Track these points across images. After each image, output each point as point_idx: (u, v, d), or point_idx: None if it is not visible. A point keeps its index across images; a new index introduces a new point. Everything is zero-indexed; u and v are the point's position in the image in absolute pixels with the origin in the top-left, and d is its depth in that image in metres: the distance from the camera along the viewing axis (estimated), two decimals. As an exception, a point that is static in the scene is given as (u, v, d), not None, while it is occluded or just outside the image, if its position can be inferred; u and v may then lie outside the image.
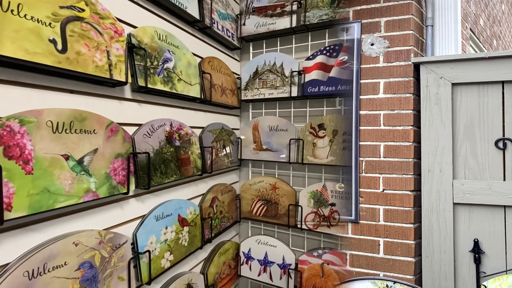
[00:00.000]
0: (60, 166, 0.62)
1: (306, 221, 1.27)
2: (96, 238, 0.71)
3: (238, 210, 1.48)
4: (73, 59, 0.63)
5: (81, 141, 0.67)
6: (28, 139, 0.56)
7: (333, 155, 1.20)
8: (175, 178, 0.98)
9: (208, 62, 1.20)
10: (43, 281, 0.59)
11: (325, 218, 1.23)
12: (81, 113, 0.67)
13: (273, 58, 1.32)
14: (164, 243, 0.95)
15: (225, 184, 1.37)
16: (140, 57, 0.83)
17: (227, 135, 1.37)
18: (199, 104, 1.19)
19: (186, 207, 1.08)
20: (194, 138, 1.10)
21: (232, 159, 1.39)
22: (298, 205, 1.29)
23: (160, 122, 0.94)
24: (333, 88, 1.19)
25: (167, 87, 0.93)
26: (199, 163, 1.12)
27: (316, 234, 1.34)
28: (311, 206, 1.26)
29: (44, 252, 0.60)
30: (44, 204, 0.59)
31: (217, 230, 1.29)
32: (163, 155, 0.93)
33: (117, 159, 0.76)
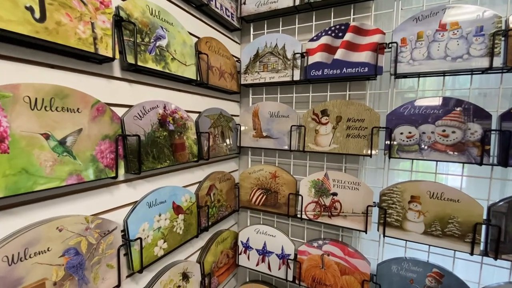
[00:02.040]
0: (39, 146, 0.57)
1: (306, 211, 1.23)
2: (82, 224, 0.68)
3: (237, 199, 1.44)
4: (52, 29, 0.57)
5: (63, 120, 0.62)
6: (3, 115, 0.52)
7: (336, 143, 1.15)
8: (169, 163, 0.93)
9: (205, 42, 1.13)
10: (24, 266, 0.56)
11: (326, 208, 1.19)
12: (63, 90, 0.62)
13: (275, 40, 1.25)
14: (157, 230, 0.92)
15: (224, 172, 1.33)
16: (130, 32, 0.77)
17: (226, 121, 1.31)
18: (195, 87, 1.14)
19: (181, 194, 1.04)
20: (190, 122, 1.05)
21: (231, 146, 1.34)
22: (299, 194, 1.24)
23: (152, 104, 0.89)
24: (337, 71, 1.12)
25: (159, 66, 0.87)
26: (195, 149, 1.07)
27: (317, 225, 1.30)
28: (312, 195, 1.22)
29: (25, 237, 0.56)
30: (22, 186, 0.54)
31: (214, 218, 1.25)
32: (156, 139, 0.89)
33: (104, 141, 0.72)
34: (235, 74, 1.35)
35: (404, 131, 1.03)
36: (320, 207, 1.20)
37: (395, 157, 1.05)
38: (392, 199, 1.07)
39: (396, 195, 1.06)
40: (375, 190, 1.12)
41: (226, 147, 1.30)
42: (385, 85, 1.18)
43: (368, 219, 1.12)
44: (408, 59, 1.01)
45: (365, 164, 1.19)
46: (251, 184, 1.38)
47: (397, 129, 1.04)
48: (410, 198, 1.04)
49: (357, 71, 1.09)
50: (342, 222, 1.16)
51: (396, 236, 1.07)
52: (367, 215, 1.11)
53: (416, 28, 1.01)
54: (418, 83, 1.07)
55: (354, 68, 1.10)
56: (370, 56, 1.07)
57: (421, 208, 1.02)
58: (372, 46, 1.07)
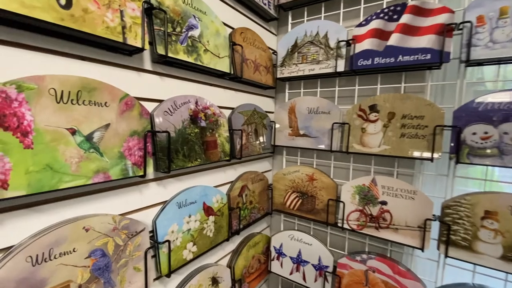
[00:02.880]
0: (65, 142, 0.54)
1: (348, 219, 1.09)
2: (110, 224, 0.64)
3: (269, 201, 1.35)
4: (78, 16, 0.53)
5: (90, 114, 0.58)
6: (27, 108, 0.49)
7: (387, 143, 0.99)
8: (200, 162, 0.88)
9: (240, 33, 1.05)
10: (48, 268, 0.53)
11: (373, 218, 1.03)
12: (90, 82, 0.58)
13: (316, 27, 1.12)
14: (187, 232, 0.87)
15: (256, 172, 1.25)
16: (160, 21, 0.72)
17: (260, 118, 1.23)
18: (228, 82, 1.06)
19: (213, 195, 0.98)
20: (223, 119, 0.98)
21: (264, 145, 1.25)
22: (340, 200, 1.11)
23: (184, 99, 0.83)
24: (391, 59, 0.96)
25: (191, 58, 0.81)
26: (227, 147, 1.00)
27: (361, 236, 1.15)
28: (355, 203, 1.07)
29: (50, 237, 0.54)
30: (47, 183, 0.51)
31: (246, 221, 1.18)
32: (187, 136, 0.83)
33: (133, 137, 0.68)
34: (270, 68, 1.26)
35: (478, 131, 0.84)
36: (366, 217, 1.05)
37: (464, 162, 0.86)
38: (458, 213, 0.88)
39: (465, 209, 0.87)
40: (435, 201, 0.94)
41: (259, 145, 1.21)
42: (450, 75, 0.99)
43: (425, 235, 0.94)
44: (487, 41, 0.82)
45: (422, 169, 1.01)
46: (285, 186, 1.27)
47: (468, 128, 0.85)
48: (484, 213, 0.84)
49: (417, 59, 0.92)
50: (392, 236, 1.00)
51: (462, 258, 0.88)
52: (424, 230, 0.94)
53: (498, 3, 0.81)
54: (499, 72, 0.86)
55: (413, 55, 0.93)
56: (434, 40, 0.89)
57: (499, 226, 0.82)
58: (437, 28, 0.89)
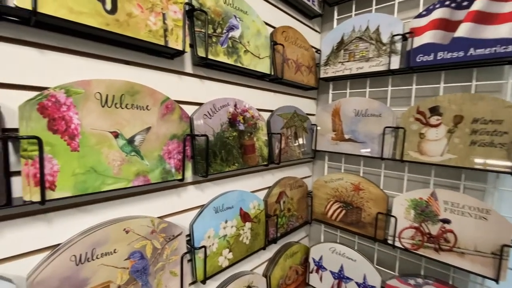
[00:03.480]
0: (108, 145, 0.55)
1: (401, 237, 0.96)
2: (149, 226, 0.64)
3: (309, 209, 1.27)
4: (123, 21, 0.54)
5: (132, 118, 0.59)
6: (74, 112, 0.50)
7: (452, 152, 0.84)
8: (237, 166, 0.85)
9: (281, 32, 1.00)
10: (90, 267, 0.55)
11: (432, 238, 0.89)
12: (133, 86, 0.59)
13: (366, 21, 1.01)
14: (223, 238, 0.84)
15: (295, 178, 1.18)
16: (201, 22, 0.71)
17: (300, 121, 1.16)
18: (268, 83, 1.02)
19: (250, 201, 0.94)
20: (261, 122, 0.94)
21: (304, 150, 1.18)
22: (391, 215, 0.98)
23: (223, 102, 0.81)
24: (460, 53, 0.81)
25: (231, 59, 0.79)
26: (265, 151, 0.96)
27: (415, 257, 1.01)
28: (410, 218, 0.94)
29: (93, 237, 0.55)
30: (91, 185, 0.53)
31: (283, 229, 1.12)
32: (225, 139, 0.81)
33: (172, 141, 0.67)
34: (313, 67, 1.18)
35: None
36: (423, 236, 0.91)
37: (562, 179, 0.68)
38: (552, 241, 0.70)
39: (562, 237, 0.69)
40: (517, 224, 0.77)
41: (299, 150, 1.14)
42: (540, 70, 0.80)
43: (501, 264, 0.78)
44: None
45: (498, 184, 0.84)
46: (327, 194, 1.18)
47: None
48: None
49: (494, 52, 0.76)
50: (456, 261, 0.85)
51: (557, 299, 0.70)
52: (500, 257, 0.78)
53: None
54: None
55: (489, 48, 0.77)
56: (520, 28, 0.73)
57: None
58: (524, 12, 0.73)
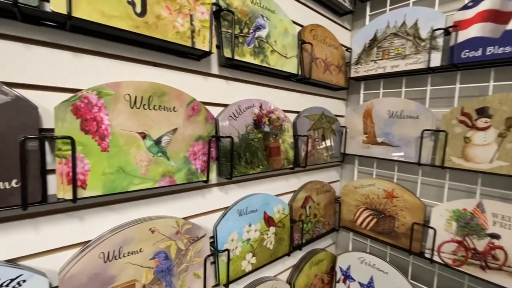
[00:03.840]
0: (136, 145, 0.56)
1: (440, 251, 0.87)
2: (173, 227, 0.65)
3: (336, 216, 1.21)
4: (151, 23, 0.55)
5: (159, 119, 0.59)
6: (105, 113, 0.52)
7: (504, 159, 0.74)
8: (262, 169, 0.83)
9: (310, 30, 0.97)
10: (117, 265, 0.56)
11: (478, 255, 0.80)
12: (161, 88, 0.59)
13: (402, 16, 0.94)
14: (246, 242, 0.83)
15: (322, 183, 1.13)
16: (228, 23, 0.70)
17: (328, 123, 1.11)
18: (295, 83, 0.99)
19: (274, 205, 0.92)
20: (287, 124, 0.91)
21: (332, 153, 1.13)
22: (429, 226, 0.90)
23: (248, 103, 0.80)
24: (515, 47, 0.72)
25: (258, 60, 0.77)
26: (291, 154, 0.93)
27: (457, 274, 0.91)
28: (451, 231, 0.85)
29: (120, 236, 0.56)
30: (119, 185, 0.54)
31: (309, 235, 1.07)
32: (250, 141, 0.79)
33: (198, 142, 0.67)
34: (343, 66, 1.13)
35: None
36: (466, 251, 0.82)
37: None
38: None
39: None
40: None
41: (326, 153, 1.09)
42: None
43: None
44: None
45: None
46: (356, 201, 1.11)
47: None
48: None
49: (561, 44, 0.66)
50: (506, 281, 0.75)
51: None
52: None
53: None
54: None
55: (553, 39, 0.67)
56: None
57: None
58: None
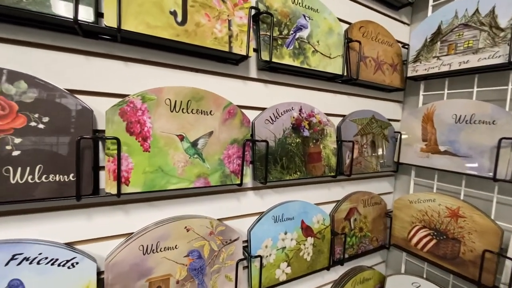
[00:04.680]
0: (174, 147, 0.59)
1: (524, 290, 0.70)
2: (207, 227, 0.66)
3: (387, 232, 1.08)
4: (191, 31, 0.57)
5: (196, 122, 0.62)
6: (148, 117, 0.56)
7: None
8: (299, 175, 0.79)
9: (359, 27, 0.89)
10: (154, 258, 0.60)
11: None
12: (199, 92, 0.62)
13: (474, 3, 0.79)
14: (281, 250, 0.80)
15: (371, 194, 1.02)
16: (267, 25, 0.69)
17: (380, 128, 1.00)
18: (340, 85, 0.92)
19: (313, 214, 0.87)
20: (330, 128, 0.86)
21: (383, 161, 1.01)
22: (506, 256, 0.73)
23: (286, 106, 0.77)
24: None
25: (297, 61, 0.74)
26: (333, 161, 0.86)
27: (549, 322, 0.71)
28: (541, 267, 0.67)
29: (158, 231, 0.60)
30: (158, 183, 0.57)
31: (353, 251, 0.98)
32: (287, 146, 0.77)
33: (233, 145, 0.67)
34: (398, 65, 1.01)
35: None
36: None
37: None
38: None
39: None
40: None
41: (376, 161, 0.99)
42: None
43: None
44: None
45: None
46: (411, 217, 0.98)
47: None
48: None
49: None
50: None
51: None
52: None
53: None
54: None
55: None
56: None
57: None
58: None
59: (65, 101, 0.49)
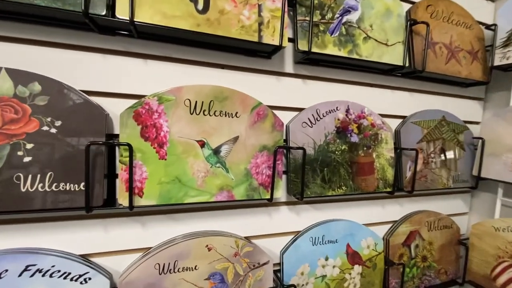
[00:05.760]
0: (194, 154, 0.52)
1: None
2: (232, 247, 0.57)
3: (460, 264, 0.86)
4: (213, 20, 0.49)
5: (219, 126, 0.53)
6: (164, 120, 0.49)
7: None
8: (345, 191, 0.65)
9: (425, 7, 0.71)
10: (171, 279, 0.53)
11: None
12: (223, 91, 0.53)
13: None
14: (320, 279, 0.67)
15: (439, 215, 0.82)
16: (306, 9, 0.57)
17: (452, 132, 0.79)
18: (400, 79, 0.75)
19: (362, 237, 0.71)
20: (386, 132, 0.69)
21: (457, 175, 0.80)
22: None
23: (330, 106, 0.64)
24: None
25: (344, 51, 0.60)
26: (389, 173, 0.70)
27: None
28: None
29: (176, 249, 0.53)
30: (174, 195, 0.50)
31: (413, 285, 0.79)
32: (330, 154, 0.63)
33: (262, 153, 0.57)
34: (480, 52, 0.78)
35: None
36: None
37: None
38: None
39: None
40: None
41: (448, 175, 0.78)
42: None
43: None
44: None
45: None
46: (497, 249, 0.75)
47: None
48: None
49: None
50: None
51: None
52: None
53: None
54: None
55: None
56: None
57: None
58: None
59: (78, 103, 0.45)
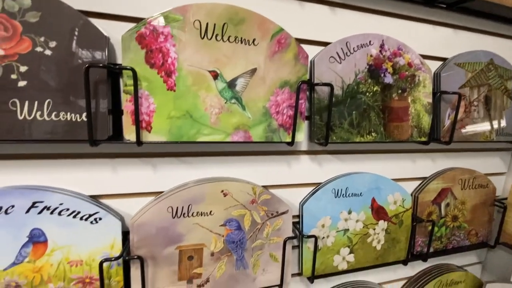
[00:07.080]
0: (206, 87, 0.45)
1: None
2: (249, 194, 0.53)
3: (493, 226, 0.79)
4: None
5: (235, 55, 0.46)
6: (171, 44, 0.43)
7: None
8: (375, 137, 0.58)
9: None
10: (185, 224, 0.50)
11: None
12: (238, 12, 0.45)
13: None
14: (342, 233, 0.63)
15: (474, 172, 0.74)
16: None
17: (500, 78, 0.69)
18: (443, 12, 0.63)
19: (389, 191, 0.66)
20: (424, 74, 0.60)
21: (502, 128, 0.71)
22: None
23: (362, 40, 0.55)
24: None
25: (383, -34, 0.50)
26: (425, 120, 0.62)
27: None
28: None
29: (190, 192, 0.49)
30: (186, 132, 0.45)
31: (440, 244, 0.74)
32: (360, 96, 0.56)
33: (283, 90, 0.50)
34: (547, -22, 0.65)
35: None
36: None
37: None
38: None
39: None
40: None
41: (490, 127, 0.69)
42: None
43: None
44: None
45: None
46: (544, 208, 0.67)
47: None
48: None
49: None
50: None
51: None
52: None
53: None
54: None
55: None
56: None
57: None
58: None
59: (75, 23, 0.39)
